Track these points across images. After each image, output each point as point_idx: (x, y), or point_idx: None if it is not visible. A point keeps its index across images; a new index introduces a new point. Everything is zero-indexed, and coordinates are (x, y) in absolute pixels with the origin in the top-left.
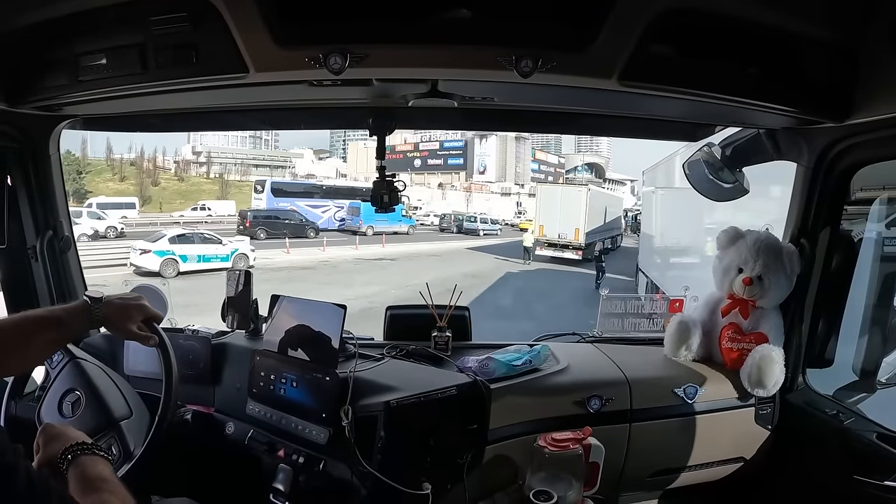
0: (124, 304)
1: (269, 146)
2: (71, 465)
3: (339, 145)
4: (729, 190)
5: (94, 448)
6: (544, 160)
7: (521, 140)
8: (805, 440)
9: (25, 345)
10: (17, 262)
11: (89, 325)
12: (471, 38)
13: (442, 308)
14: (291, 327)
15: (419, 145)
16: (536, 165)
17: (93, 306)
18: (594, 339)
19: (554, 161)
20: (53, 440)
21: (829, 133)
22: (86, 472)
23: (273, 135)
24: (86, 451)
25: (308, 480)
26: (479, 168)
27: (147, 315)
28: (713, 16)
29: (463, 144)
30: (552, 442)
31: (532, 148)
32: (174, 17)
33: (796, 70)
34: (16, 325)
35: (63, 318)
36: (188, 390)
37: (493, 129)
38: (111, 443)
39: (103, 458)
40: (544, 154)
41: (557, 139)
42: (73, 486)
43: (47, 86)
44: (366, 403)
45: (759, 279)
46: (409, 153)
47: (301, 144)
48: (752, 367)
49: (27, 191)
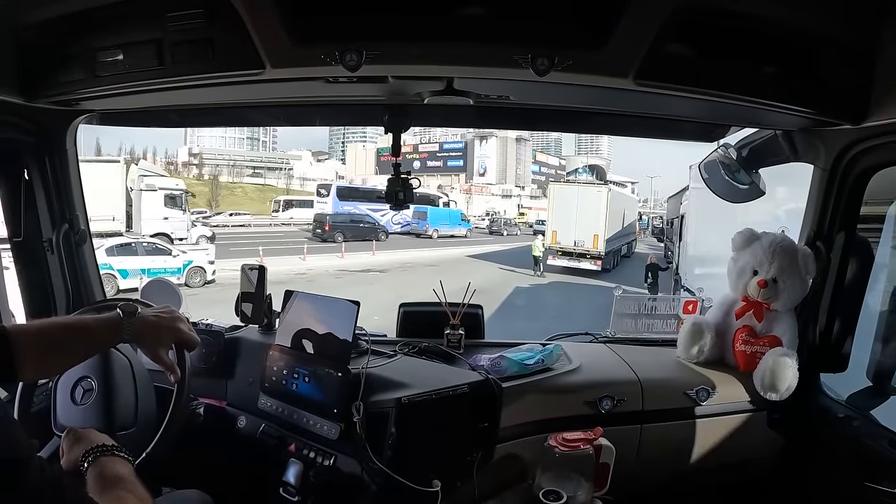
0: (158, 323)
1: (266, 147)
2: (91, 465)
3: (339, 147)
4: (745, 191)
5: (114, 450)
6: (545, 162)
7: (521, 141)
8: (817, 444)
9: (50, 353)
10: (34, 255)
11: (119, 340)
12: (487, 36)
13: (455, 306)
14: (304, 323)
15: (418, 147)
16: (537, 167)
17: (125, 321)
18: (607, 340)
19: (555, 163)
20: (77, 443)
21: (847, 135)
22: (104, 471)
23: (271, 136)
24: (106, 452)
25: (318, 475)
26: (479, 170)
27: (181, 340)
28: (729, 14)
29: (463, 146)
30: (563, 442)
31: (532, 150)
32: (191, 13)
33: (813, 70)
34: (42, 331)
35: (94, 329)
36: (201, 383)
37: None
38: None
39: (124, 458)
40: (545, 156)
41: (558, 141)
42: (90, 484)
43: (64, 81)
44: (377, 400)
45: (774, 281)
46: (407, 155)
47: (299, 146)
48: (766, 371)
49: (44, 184)
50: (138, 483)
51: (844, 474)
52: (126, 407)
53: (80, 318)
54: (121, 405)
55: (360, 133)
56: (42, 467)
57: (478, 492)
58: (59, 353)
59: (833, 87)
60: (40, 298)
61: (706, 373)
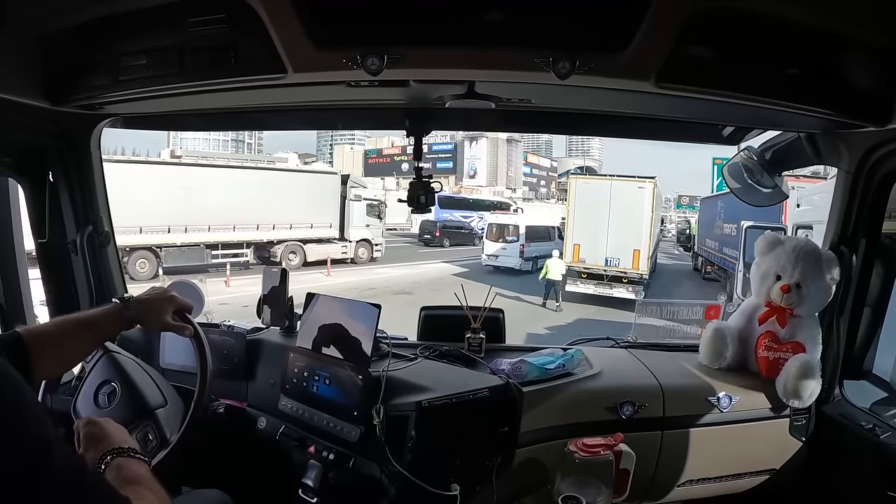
0: (153, 298)
1: (252, 149)
2: (108, 466)
3: (326, 149)
4: (768, 194)
5: (131, 451)
6: (536, 163)
7: (512, 143)
8: (839, 453)
9: (62, 347)
10: (58, 256)
11: (123, 326)
12: (508, 40)
13: (476, 310)
14: (326, 325)
15: (406, 149)
16: (528, 169)
17: (123, 307)
18: (628, 345)
19: (546, 164)
20: (95, 442)
21: (870, 137)
22: (122, 472)
23: (256, 138)
24: (123, 454)
25: (337, 477)
26: (469, 172)
27: (178, 306)
28: (751, 16)
29: (452, 147)
30: (583, 447)
31: (524, 151)
32: (213, 19)
33: (836, 72)
34: (52, 329)
35: (98, 320)
36: (222, 385)
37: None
38: (147, 430)
39: (141, 460)
40: (536, 157)
41: (549, 143)
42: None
43: (89, 85)
44: (398, 403)
45: (798, 287)
46: (396, 157)
47: (286, 147)
48: (788, 377)
49: (68, 187)
50: (156, 482)
51: (867, 483)
52: (151, 390)
53: (84, 313)
54: (147, 389)
55: (349, 135)
56: (67, 453)
57: (497, 497)
58: (70, 347)
59: (856, 89)
60: (65, 299)
61: (728, 379)
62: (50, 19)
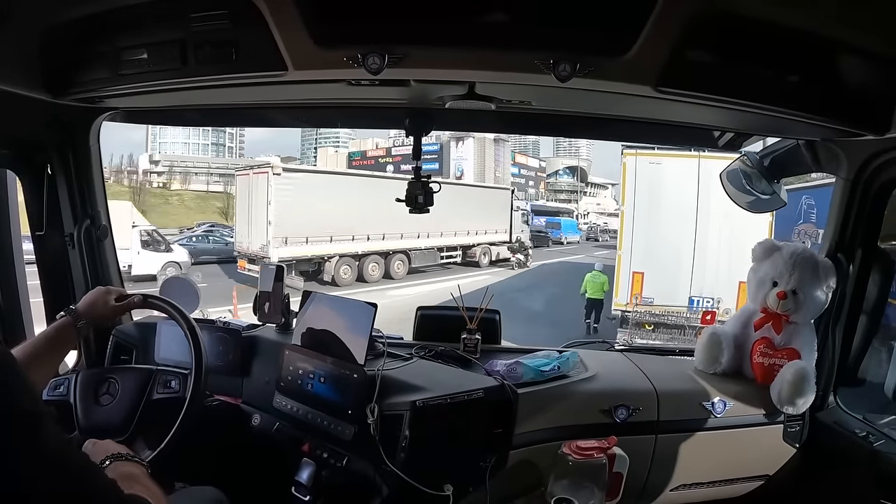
0: (93, 298)
1: (233, 154)
2: (107, 469)
3: (311, 151)
4: (767, 201)
5: (127, 456)
6: (525, 164)
7: (500, 143)
8: (832, 460)
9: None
10: (55, 249)
11: (80, 333)
12: (509, 42)
13: (472, 310)
14: (322, 324)
15: (391, 150)
16: (517, 169)
17: (72, 318)
18: (624, 348)
19: (535, 164)
20: (94, 454)
21: (869, 146)
22: (118, 472)
23: (237, 141)
24: (119, 458)
25: (331, 476)
26: (455, 173)
27: (116, 293)
28: (752, 22)
29: (438, 148)
30: (577, 450)
31: (512, 151)
32: (215, 15)
33: (836, 80)
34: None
35: (58, 336)
36: (217, 381)
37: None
38: (170, 378)
39: (137, 462)
40: (524, 157)
41: (536, 143)
42: None
43: (89, 79)
44: (392, 402)
45: (794, 293)
46: (380, 158)
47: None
48: (783, 384)
49: (66, 180)
50: (151, 480)
51: (860, 490)
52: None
53: (48, 332)
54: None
55: (333, 137)
56: (58, 430)
57: (490, 498)
58: (44, 367)
59: (856, 97)
60: (61, 292)
61: (723, 384)
62: (51, 12)
